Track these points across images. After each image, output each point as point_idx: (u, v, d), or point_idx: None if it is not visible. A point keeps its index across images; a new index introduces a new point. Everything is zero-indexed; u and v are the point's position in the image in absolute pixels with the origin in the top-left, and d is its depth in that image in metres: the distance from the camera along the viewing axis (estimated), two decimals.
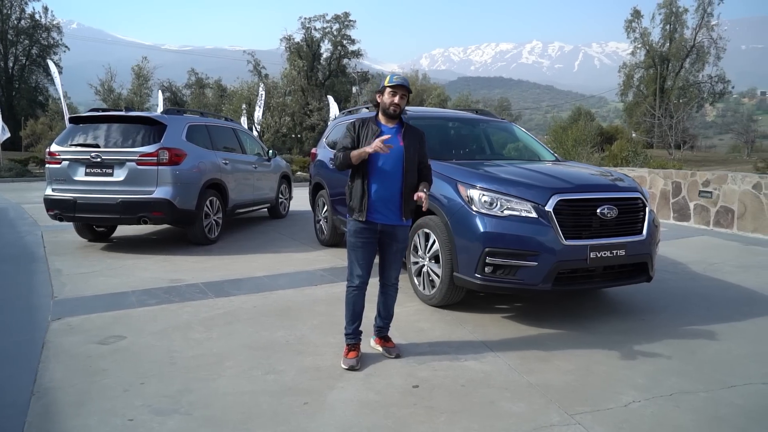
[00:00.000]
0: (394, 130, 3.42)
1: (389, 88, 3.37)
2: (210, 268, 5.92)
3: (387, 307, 3.62)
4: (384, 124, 3.44)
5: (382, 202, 3.36)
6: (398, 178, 3.36)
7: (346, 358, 3.40)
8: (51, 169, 6.86)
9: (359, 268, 3.43)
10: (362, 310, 3.51)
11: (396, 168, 3.36)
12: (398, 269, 3.60)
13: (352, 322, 3.49)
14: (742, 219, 8.90)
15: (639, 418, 2.83)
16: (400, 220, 3.43)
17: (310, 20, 47.73)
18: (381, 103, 3.42)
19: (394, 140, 3.33)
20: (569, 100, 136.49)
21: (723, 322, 4.40)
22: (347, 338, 3.49)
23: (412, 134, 3.47)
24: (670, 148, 35.92)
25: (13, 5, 45.69)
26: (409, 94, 3.42)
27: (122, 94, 32.51)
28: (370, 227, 3.39)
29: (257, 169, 8.94)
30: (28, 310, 4.52)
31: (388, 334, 3.68)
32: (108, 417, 2.75)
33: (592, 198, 4.14)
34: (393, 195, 3.37)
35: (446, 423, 2.74)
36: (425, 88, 50.61)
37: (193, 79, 49.41)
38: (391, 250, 3.50)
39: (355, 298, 3.47)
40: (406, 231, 3.54)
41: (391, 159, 3.33)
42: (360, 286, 3.45)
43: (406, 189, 3.38)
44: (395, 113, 3.41)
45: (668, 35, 50.62)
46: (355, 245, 3.42)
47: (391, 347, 3.60)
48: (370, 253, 3.45)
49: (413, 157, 3.42)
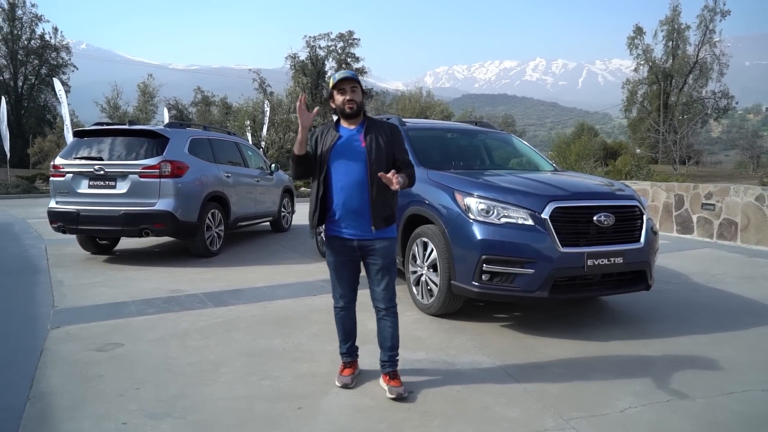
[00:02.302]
0: (355, 131, 3.08)
1: (335, 89, 3.06)
2: (210, 279, 5.94)
3: (384, 338, 3.14)
4: (345, 127, 3.10)
5: (351, 214, 3.01)
6: (364, 184, 2.98)
7: (340, 375, 3.22)
8: (55, 182, 6.94)
9: (340, 287, 3.17)
10: (353, 328, 3.28)
11: (360, 172, 2.99)
12: (390, 291, 3.11)
13: (345, 342, 3.27)
14: (746, 231, 8.86)
15: (635, 423, 2.80)
16: (370, 232, 3.02)
17: (315, 39, 48.37)
18: (337, 107, 3.08)
19: (356, 142, 3.03)
20: (573, 117, 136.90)
21: (724, 330, 4.37)
22: (342, 357, 3.29)
23: (377, 131, 3.08)
24: (675, 163, 35.92)
25: (24, 26, 46.61)
26: (359, 84, 3.08)
27: (128, 111, 32.92)
28: (344, 243, 3.07)
29: (259, 183, 9.00)
30: (29, 319, 4.54)
31: (395, 370, 3.14)
32: (102, 421, 2.75)
33: (589, 206, 4.14)
34: (362, 204, 3.00)
35: (440, 427, 2.73)
36: (429, 105, 50.96)
37: (199, 97, 50.02)
38: (373, 268, 3.09)
39: (343, 318, 3.22)
40: (388, 244, 3.09)
41: (353, 163, 3.00)
42: (345, 306, 3.20)
43: (375, 195, 2.99)
44: (352, 110, 3.03)
45: (671, 51, 50.96)
46: (334, 265, 3.14)
47: (394, 386, 3.05)
48: (349, 271, 3.15)
49: (380, 157, 3.01)
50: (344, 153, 3.04)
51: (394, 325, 3.14)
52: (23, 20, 46.64)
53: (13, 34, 45.91)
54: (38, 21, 47.38)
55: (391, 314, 3.14)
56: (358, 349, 3.35)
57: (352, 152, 3.03)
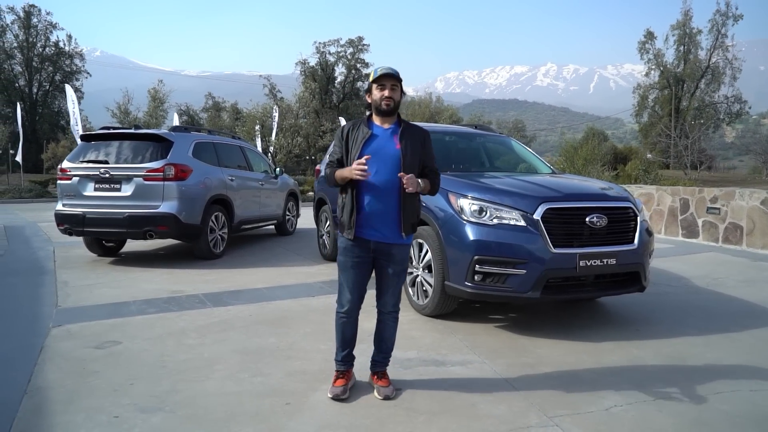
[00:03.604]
0: (389, 131, 3.01)
1: (375, 83, 2.99)
2: (212, 281, 6.02)
3: (383, 339, 3.15)
4: (378, 125, 3.02)
5: (377, 217, 2.93)
6: (395, 188, 2.92)
7: (332, 386, 3.07)
8: (62, 185, 7.08)
9: (348, 292, 3.04)
10: (353, 337, 3.14)
11: (392, 175, 2.90)
12: (396, 295, 3.14)
13: (342, 349, 3.13)
14: (751, 235, 8.80)
15: (619, 421, 2.82)
16: (399, 238, 2.98)
17: (325, 45, 48.69)
18: (373, 102, 3.02)
19: (389, 142, 2.96)
20: (585, 122, 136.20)
21: (719, 333, 4.36)
22: (337, 364, 3.15)
23: (412, 134, 3.03)
24: (686, 168, 35.62)
25: (39, 34, 47.44)
26: (400, 83, 3.01)
27: (138, 116, 33.36)
28: (361, 245, 2.98)
29: (264, 186, 9.10)
30: (32, 318, 4.64)
31: (385, 370, 3.18)
32: (94, 414, 2.82)
33: (581, 207, 4.16)
34: (389, 208, 2.93)
35: (424, 423, 2.76)
36: (438, 110, 51.05)
37: (210, 102, 50.51)
38: (387, 272, 3.04)
39: (344, 325, 3.09)
40: (404, 251, 3.07)
41: (386, 165, 2.91)
42: (349, 311, 3.06)
43: (405, 200, 2.94)
44: (389, 108, 2.97)
45: (682, 56, 50.61)
46: (345, 265, 3.03)
47: (383, 386, 3.08)
48: (361, 275, 3.04)
49: (413, 161, 2.97)
50: (377, 152, 2.94)
51: (395, 327, 3.18)
52: (38, 28, 47.52)
53: (28, 41, 46.75)
54: (53, 29, 48.29)
55: (394, 318, 3.16)
56: (355, 359, 3.22)
57: (386, 153, 2.95)
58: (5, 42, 45.75)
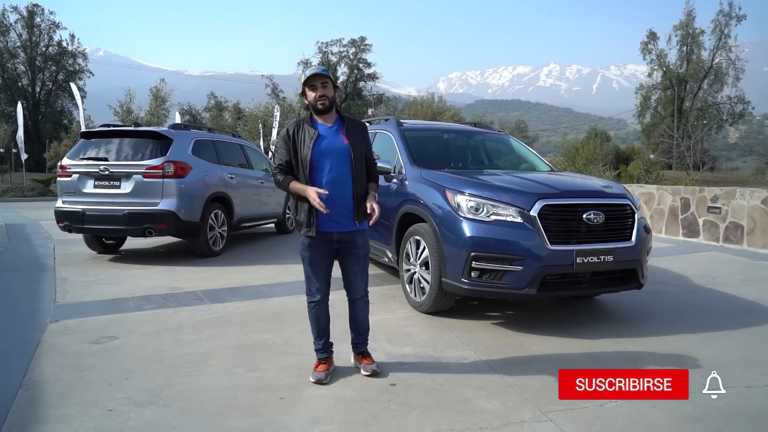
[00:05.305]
0: (334, 129, 3.15)
1: (306, 86, 3.10)
2: (210, 278, 6.03)
3: (358, 322, 3.34)
4: (321, 124, 3.15)
5: (335, 209, 3.07)
6: (348, 181, 3.11)
7: (314, 371, 3.21)
8: (62, 182, 7.10)
9: (317, 281, 3.21)
10: (328, 323, 3.31)
11: (344, 169, 3.10)
12: (365, 280, 3.30)
13: (319, 338, 3.29)
14: (752, 235, 8.77)
15: (612, 416, 2.82)
16: (353, 225, 3.17)
17: (327, 45, 48.83)
18: (309, 104, 3.15)
19: (337, 139, 3.11)
20: (587, 122, 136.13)
21: (716, 330, 4.35)
22: (318, 353, 3.30)
23: (355, 129, 3.21)
24: (689, 168, 35.53)
25: (42, 33, 47.60)
26: (331, 80, 3.14)
27: (140, 115, 33.46)
28: (325, 238, 3.14)
29: (264, 185, 9.10)
30: (30, 313, 4.66)
31: (366, 349, 3.39)
32: (88, 407, 2.83)
33: (578, 203, 4.15)
34: (345, 199, 3.11)
35: (417, 417, 2.76)
36: (441, 110, 51.01)
37: (213, 102, 50.60)
38: (352, 259, 3.22)
39: (318, 313, 3.26)
40: (365, 236, 3.27)
41: (338, 161, 3.09)
42: (321, 300, 3.24)
43: (357, 191, 3.13)
44: (324, 106, 3.10)
45: (685, 56, 50.52)
46: (312, 259, 3.17)
47: (368, 363, 3.30)
48: (327, 265, 3.21)
49: (360, 153, 3.16)
50: (328, 150, 3.11)
51: (367, 310, 3.38)
52: (41, 27, 47.70)
53: (31, 41, 46.95)
54: (56, 28, 48.49)
55: (366, 301, 3.35)
56: (333, 345, 3.38)
57: (336, 149, 3.11)
58: (8, 41, 45.93)
